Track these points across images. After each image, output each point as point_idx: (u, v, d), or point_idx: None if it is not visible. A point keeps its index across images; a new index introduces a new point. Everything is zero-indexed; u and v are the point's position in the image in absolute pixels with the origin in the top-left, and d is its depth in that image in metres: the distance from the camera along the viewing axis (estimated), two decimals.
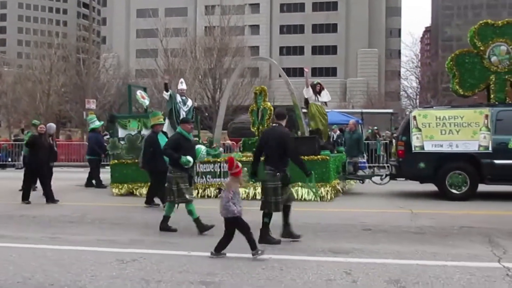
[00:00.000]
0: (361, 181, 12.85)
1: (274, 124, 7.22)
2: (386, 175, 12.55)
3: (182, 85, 13.20)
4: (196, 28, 58.81)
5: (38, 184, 11.74)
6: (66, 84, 43.30)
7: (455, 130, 10.93)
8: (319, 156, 10.91)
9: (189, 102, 13.04)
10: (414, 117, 11.28)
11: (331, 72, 70.24)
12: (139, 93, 13.94)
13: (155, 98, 40.54)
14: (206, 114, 35.33)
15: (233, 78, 17.88)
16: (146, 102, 14.20)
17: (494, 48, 12.00)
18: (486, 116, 10.87)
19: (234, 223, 6.00)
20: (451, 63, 12.35)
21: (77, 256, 6.09)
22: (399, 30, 74.61)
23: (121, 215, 9.35)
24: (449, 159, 10.99)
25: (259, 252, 5.84)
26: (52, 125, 12.95)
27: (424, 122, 11.13)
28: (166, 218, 7.77)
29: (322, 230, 7.75)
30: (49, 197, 10.95)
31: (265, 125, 12.60)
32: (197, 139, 13.25)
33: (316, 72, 63.98)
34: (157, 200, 10.22)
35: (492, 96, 11.99)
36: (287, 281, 5.02)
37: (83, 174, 16.01)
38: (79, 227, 8.26)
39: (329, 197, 10.74)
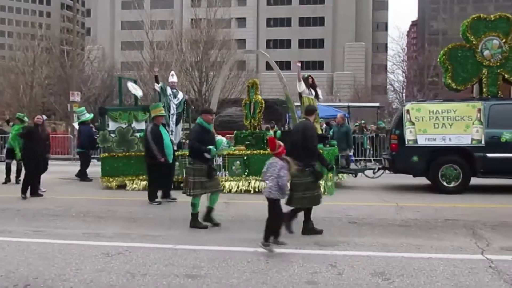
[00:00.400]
0: (353, 175, 12.85)
1: (302, 119, 7.23)
2: (379, 169, 12.58)
3: (173, 78, 13.07)
4: (182, 21, 58.37)
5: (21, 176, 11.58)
6: (49, 76, 42.71)
7: (448, 123, 10.99)
8: None
9: (180, 95, 12.93)
10: (408, 110, 11.29)
11: (318, 65, 70.33)
12: (131, 84, 13.82)
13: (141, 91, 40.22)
14: (193, 107, 35.21)
15: (224, 71, 17.66)
16: (140, 93, 14.09)
17: (487, 42, 12.03)
18: (479, 110, 10.95)
19: (273, 205, 5.93)
20: (444, 57, 12.33)
21: (62, 250, 6.04)
22: (386, 24, 74.94)
23: (106, 208, 9.27)
24: (442, 152, 11.04)
25: (268, 247, 5.77)
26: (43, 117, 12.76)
27: (417, 116, 11.16)
28: (209, 210, 7.54)
29: None
30: (35, 191, 10.79)
31: (257, 119, 12.44)
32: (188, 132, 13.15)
33: (303, 65, 63.27)
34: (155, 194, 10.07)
35: (484, 90, 12.04)
36: (273, 274, 5.03)
37: (67, 167, 15.87)
38: (64, 220, 8.18)
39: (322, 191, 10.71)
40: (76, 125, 24.17)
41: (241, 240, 6.52)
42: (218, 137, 7.96)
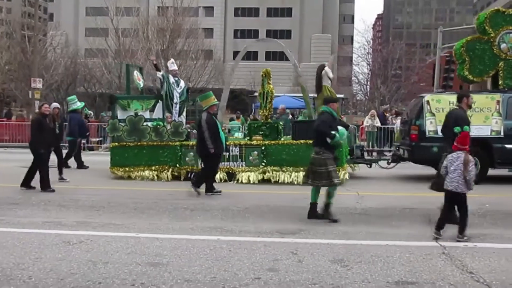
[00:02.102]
0: (368, 165, 12.83)
1: (455, 107, 7.59)
2: (393, 160, 12.71)
3: (174, 66, 12.85)
4: (149, 8, 57.36)
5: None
6: (10, 62, 41.35)
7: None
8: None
9: (182, 83, 12.77)
10: (428, 102, 11.46)
11: (284, 56, 70.25)
12: (136, 73, 13.56)
13: (105, 79, 39.48)
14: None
15: (238, 60, 17.06)
16: (141, 84, 13.85)
17: (504, 36, 12.23)
18: (498, 101, 11.23)
19: (463, 198, 6.11)
20: (461, 49, 12.43)
21: (21, 238, 5.95)
22: (353, 17, 75.66)
23: (69, 197, 9.13)
24: None
25: (465, 238, 5.92)
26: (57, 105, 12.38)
27: (438, 107, 11.33)
28: (314, 205, 7.31)
29: (271, 212, 7.88)
30: (46, 185, 9.87)
31: (267, 108, 12.18)
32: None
33: (270, 56, 64.22)
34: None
35: (500, 82, 12.28)
36: (235, 262, 5.10)
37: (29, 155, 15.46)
38: (24, 209, 8.03)
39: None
40: None
41: (204, 229, 6.58)
42: (341, 128, 7.75)
